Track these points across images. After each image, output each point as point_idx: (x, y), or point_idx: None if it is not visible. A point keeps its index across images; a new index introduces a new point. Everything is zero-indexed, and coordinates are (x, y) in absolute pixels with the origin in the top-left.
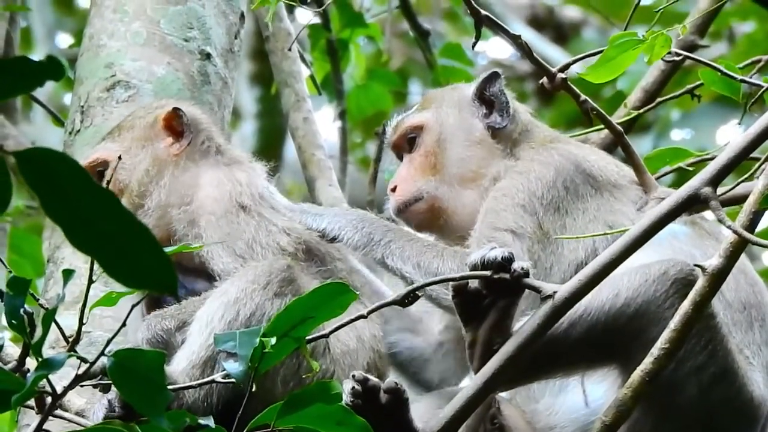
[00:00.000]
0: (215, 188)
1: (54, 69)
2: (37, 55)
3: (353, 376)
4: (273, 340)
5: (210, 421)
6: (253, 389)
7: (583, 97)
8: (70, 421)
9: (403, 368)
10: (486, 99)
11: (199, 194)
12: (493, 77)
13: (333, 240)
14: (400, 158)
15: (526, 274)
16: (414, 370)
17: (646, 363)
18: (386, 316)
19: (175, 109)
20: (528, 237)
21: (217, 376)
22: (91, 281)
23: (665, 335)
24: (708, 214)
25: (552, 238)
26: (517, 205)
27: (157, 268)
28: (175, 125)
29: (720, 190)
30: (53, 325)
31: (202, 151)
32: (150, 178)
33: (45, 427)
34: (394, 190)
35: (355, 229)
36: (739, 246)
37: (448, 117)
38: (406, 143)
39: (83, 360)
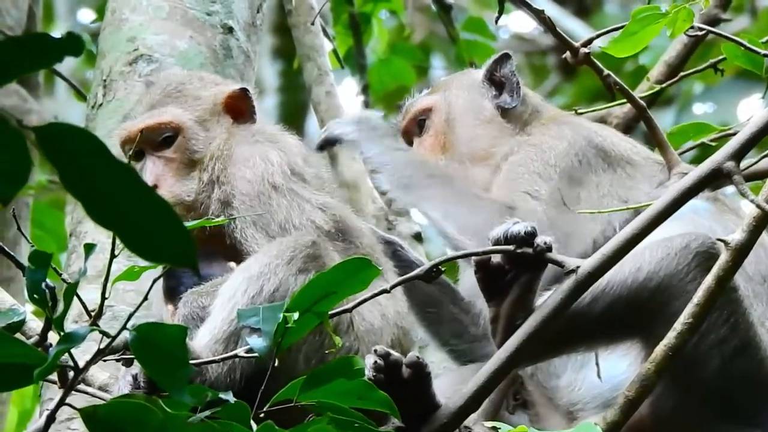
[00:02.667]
0: (249, 169)
1: (73, 45)
2: (59, 31)
3: (375, 350)
4: (296, 316)
5: (229, 396)
6: (276, 364)
7: (605, 71)
8: (92, 395)
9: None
10: (496, 80)
11: (235, 174)
12: (504, 59)
13: (372, 172)
14: (410, 144)
15: (549, 249)
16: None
17: (669, 338)
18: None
19: (243, 90)
20: (545, 200)
21: (240, 351)
22: (113, 255)
23: (688, 310)
24: (728, 190)
25: (569, 207)
26: (533, 172)
27: (177, 242)
28: (241, 105)
29: (743, 164)
30: (76, 299)
31: (245, 129)
32: (220, 153)
33: (69, 401)
34: None
35: (396, 169)
36: (762, 220)
37: (457, 98)
38: (416, 127)
39: (105, 334)
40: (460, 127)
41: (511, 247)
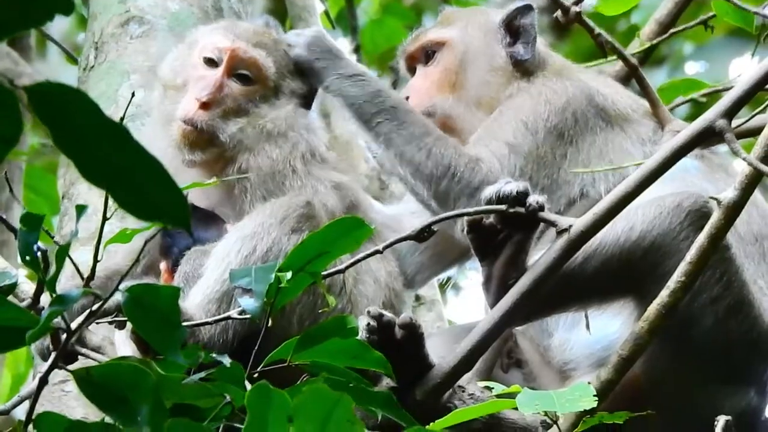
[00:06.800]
0: (277, 148)
1: (63, 4)
2: None
3: (368, 312)
4: (289, 275)
5: (225, 359)
6: (269, 325)
7: (597, 30)
8: (86, 356)
9: None
10: (513, 28)
11: (264, 148)
12: (527, 9)
13: (332, 97)
14: (410, 70)
15: (542, 208)
16: None
17: (663, 296)
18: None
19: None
20: (523, 155)
21: (233, 313)
22: (105, 217)
23: (681, 268)
24: (721, 147)
25: (551, 163)
26: (520, 121)
27: (170, 203)
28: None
29: (735, 123)
30: (70, 261)
31: (300, 115)
32: (271, 125)
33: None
34: (406, 100)
35: (351, 97)
36: (755, 178)
37: (473, 39)
38: (423, 56)
39: (98, 296)
40: (473, 70)
41: (503, 207)
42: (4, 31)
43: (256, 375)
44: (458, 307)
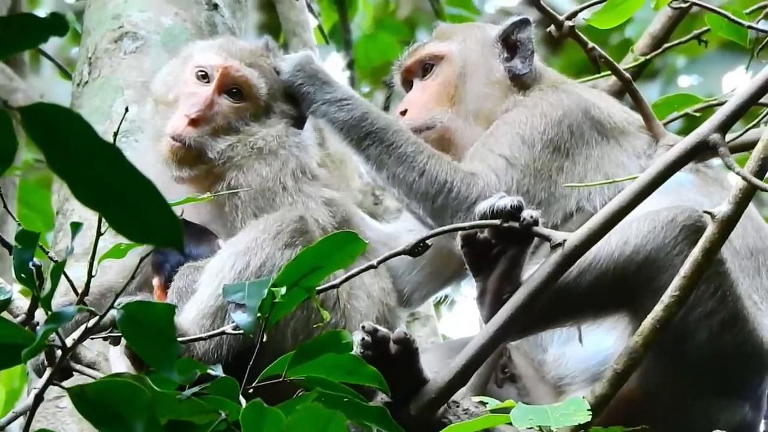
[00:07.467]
0: (267, 166)
1: (58, 25)
2: (44, 9)
3: (363, 327)
4: (283, 290)
5: (219, 370)
6: (264, 339)
7: (590, 44)
8: (81, 373)
9: None
10: (510, 43)
11: (254, 167)
12: (524, 23)
13: (321, 120)
14: (406, 84)
15: (536, 222)
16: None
17: (657, 310)
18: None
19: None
20: (520, 168)
21: (227, 328)
22: (99, 234)
23: (675, 282)
24: (715, 161)
25: (547, 176)
26: (517, 134)
27: (163, 223)
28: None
29: (729, 137)
30: (64, 278)
31: (293, 134)
32: (262, 143)
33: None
34: (403, 113)
35: (338, 122)
36: (748, 192)
37: (472, 53)
38: (421, 69)
39: (93, 312)
40: (471, 83)
41: (497, 222)
42: (1, 52)
43: (251, 390)
44: (452, 322)
